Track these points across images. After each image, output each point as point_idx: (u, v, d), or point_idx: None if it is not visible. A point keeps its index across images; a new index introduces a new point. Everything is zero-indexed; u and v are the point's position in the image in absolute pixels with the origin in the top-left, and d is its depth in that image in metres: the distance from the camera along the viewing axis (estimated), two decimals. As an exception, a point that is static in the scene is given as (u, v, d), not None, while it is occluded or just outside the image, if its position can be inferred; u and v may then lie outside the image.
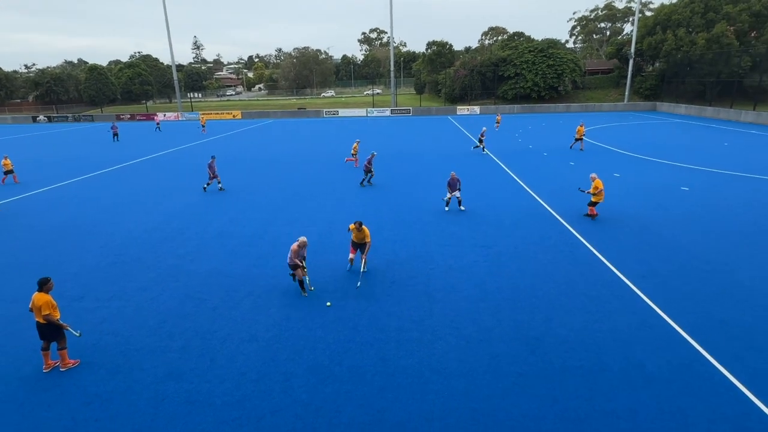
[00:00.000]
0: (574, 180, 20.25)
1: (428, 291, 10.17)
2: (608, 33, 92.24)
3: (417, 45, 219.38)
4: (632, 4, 79.48)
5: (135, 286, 10.76)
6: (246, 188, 20.55)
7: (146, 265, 11.99)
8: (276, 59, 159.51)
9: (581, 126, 28.51)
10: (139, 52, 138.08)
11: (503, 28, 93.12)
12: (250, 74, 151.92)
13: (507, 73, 63.00)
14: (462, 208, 16.21)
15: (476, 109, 59.78)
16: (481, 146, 28.28)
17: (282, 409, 6.67)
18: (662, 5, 61.70)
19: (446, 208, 16.33)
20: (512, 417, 6.41)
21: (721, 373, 7.20)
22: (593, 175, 14.86)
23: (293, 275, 10.20)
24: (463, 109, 60.03)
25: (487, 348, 7.99)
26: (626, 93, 59.56)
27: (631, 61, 58.28)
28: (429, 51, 79.70)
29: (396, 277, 10.90)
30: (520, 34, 74.23)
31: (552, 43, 64.69)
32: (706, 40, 52.76)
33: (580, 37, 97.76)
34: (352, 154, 24.82)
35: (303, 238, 10.00)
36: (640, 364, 7.45)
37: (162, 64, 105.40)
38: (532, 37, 72.08)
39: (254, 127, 50.85)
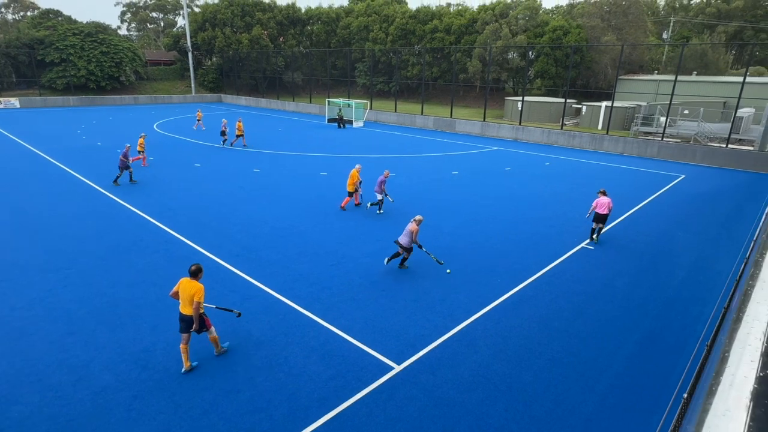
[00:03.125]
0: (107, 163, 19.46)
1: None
2: (163, 24, 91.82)
3: None
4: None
5: None
6: None
7: None
8: None
9: (239, 122, 27.85)
10: None
11: (33, 3, 76.63)
12: None
13: (49, 58, 52.62)
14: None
15: (15, 102, 47.46)
16: (224, 139, 27.51)
17: None
18: (207, 3, 66.22)
19: (378, 211, 15.25)
20: (150, 422, 5.63)
21: (277, 297, 8.77)
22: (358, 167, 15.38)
23: (403, 258, 10.59)
24: (-7, 102, 46.33)
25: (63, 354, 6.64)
26: (192, 85, 61.64)
27: (189, 54, 60.35)
28: None
29: None
30: (56, 12, 62.92)
31: (101, 28, 58.51)
32: (248, 40, 60.88)
33: (133, 25, 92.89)
34: (139, 151, 21.33)
35: (420, 217, 10.32)
36: (249, 335, 8.07)
37: None
38: (73, 17, 62.64)
39: None
